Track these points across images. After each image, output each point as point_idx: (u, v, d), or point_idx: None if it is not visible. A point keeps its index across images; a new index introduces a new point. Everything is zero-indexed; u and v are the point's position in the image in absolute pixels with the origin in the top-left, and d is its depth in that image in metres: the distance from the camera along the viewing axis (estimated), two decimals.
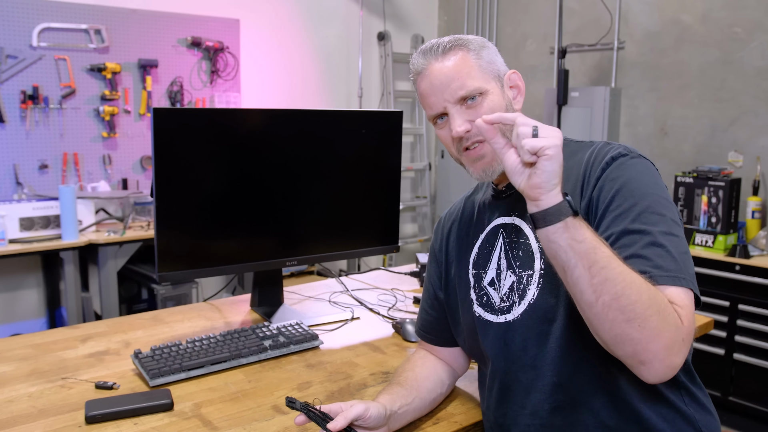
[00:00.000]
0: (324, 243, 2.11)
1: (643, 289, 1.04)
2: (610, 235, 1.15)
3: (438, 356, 1.54)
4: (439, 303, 1.52)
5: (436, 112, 1.31)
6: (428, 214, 5.71)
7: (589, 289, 1.05)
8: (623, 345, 1.06)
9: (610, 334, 1.06)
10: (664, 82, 4.28)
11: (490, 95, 1.29)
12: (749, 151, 3.87)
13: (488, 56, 1.32)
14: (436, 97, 1.30)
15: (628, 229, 1.14)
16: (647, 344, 1.04)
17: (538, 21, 5.02)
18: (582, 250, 1.04)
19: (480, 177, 1.31)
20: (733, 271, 3.45)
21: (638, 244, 1.12)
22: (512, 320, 1.29)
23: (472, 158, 1.30)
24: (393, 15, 5.47)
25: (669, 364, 1.06)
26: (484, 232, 1.40)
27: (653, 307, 1.04)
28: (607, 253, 1.05)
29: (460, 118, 1.28)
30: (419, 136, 5.66)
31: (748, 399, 3.44)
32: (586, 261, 1.04)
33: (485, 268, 1.37)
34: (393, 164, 2.17)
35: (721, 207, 3.60)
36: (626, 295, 1.03)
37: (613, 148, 1.25)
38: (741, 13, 3.89)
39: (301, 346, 1.78)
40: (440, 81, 1.29)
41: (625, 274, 1.04)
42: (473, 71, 1.29)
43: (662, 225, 1.14)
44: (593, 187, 1.21)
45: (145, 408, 1.39)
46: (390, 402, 1.33)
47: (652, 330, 1.04)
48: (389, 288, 2.42)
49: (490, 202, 1.42)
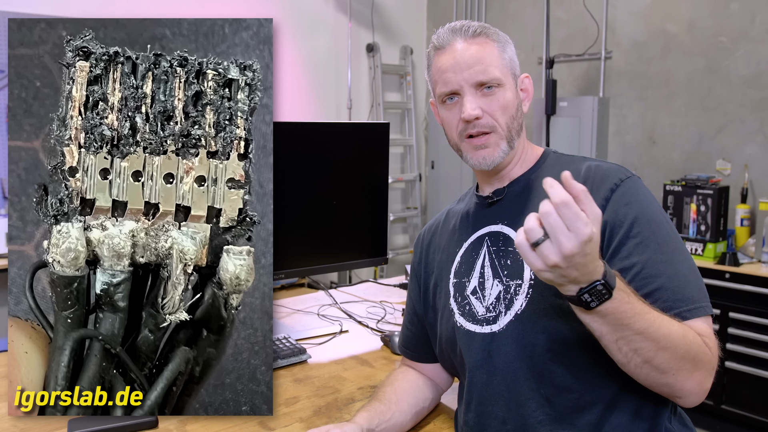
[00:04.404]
0: (312, 255, 2.11)
1: (681, 345, 1.08)
2: (635, 263, 1.16)
3: (420, 371, 1.53)
4: (419, 318, 1.51)
5: (450, 90, 1.30)
6: (419, 225, 5.71)
7: (619, 355, 1.08)
8: (658, 388, 1.12)
9: (646, 383, 1.12)
10: (651, 90, 4.31)
11: (506, 90, 1.30)
12: (737, 158, 3.90)
13: (510, 53, 1.34)
14: (455, 74, 1.29)
15: (652, 259, 1.16)
16: (682, 385, 1.10)
17: (525, 31, 5.05)
18: (604, 330, 1.06)
19: (478, 164, 1.32)
20: (723, 279, 3.47)
21: (664, 276, 1.15)
22: (497, 331, 1.27)
23: (474, 145, 1.31)
24: (381, 27, 5.49)
25: (701, 393, 1.13)
26: (467, 240, 1.39)
27: (689, 356, 1.09)
28: (636, 327, 1.04)
29: (475, 102, 1.28)
30: (409, 147, 5.67)
31: (740, 407, 3.45)
32: (610, 337, 1.07)
33: (468, 277, 1.35)
34: (381, 175, 2.18)
35: (710, 215, 3.62)
36: (659, 357, 1.07)
37: (612, 168, 1.27)
38: (726, 23, 3.93)
39: (289, 360, 1.78)
40: (464, 60, 1.28)
41: (661, 339, 1.06)
42: (496, 61, 1.30)
43: (678, 252, 1.19)
44: (602, 207, 1.17)
45: (129, 426, 1.37)
46: (367, 420, 1.32)
47: (687, 373, 1.09)
48: (378, 300, 2.43)
49: (475, 211, 1.41)
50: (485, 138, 1.29)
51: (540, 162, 1.38)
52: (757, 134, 3.83)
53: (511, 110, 1.30)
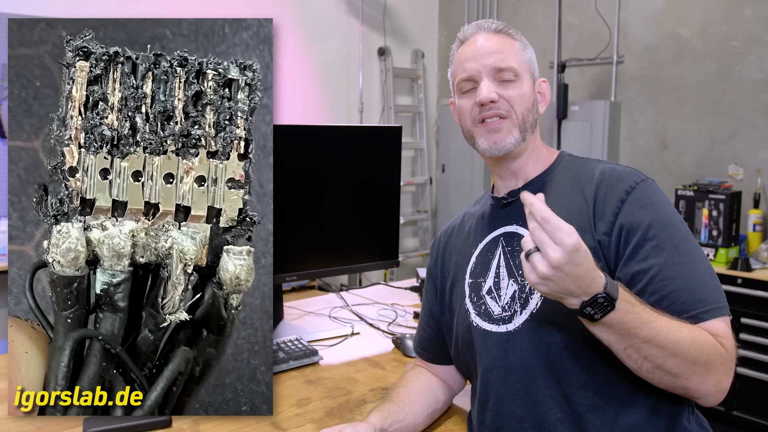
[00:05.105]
0: (323, 258, 2.11)
1: (692, 350, 1.08)
2: (653, 265, 1.17)
3: (434, 373, 1.53)
4: (435, 320, 1.51)
5: (468, 76, 1.33)
6: (429, 228, 5.71)
7: (630, 362, 1.10)
8: (674, 390, 1.13)
9: (660, 385, 1.13)
10: (663, 95, 4.29)
11: (524, 83, 1.32)
12: (749, 164, 3.87)
13: (530, 54, 1.37)
14: (475, 62, 1.32)
15: (669, 261, 1.17)
16: (697, 387, 1.11)
17: (537, 36, 5.04)
18: (612, 340, 1.08)
19: (489, 149, 1.32)
20: (735, 284, 3.44)
21: (681, 277, 1.16)
22: (513, 330, 1.27)
23: (487, 129, 1.32)
24: (393, 30, 5.50)
25: (719, 392, 1.14)
26: (483, 241, 1.39)
27: (701, 359, 1.09)
28: (644, 335, 1.07)
29: (492, 87, 1.30)
30: (420, 151, 5.67)
31: (752, 413, 3.42)
32: (620, 345, 1.08)
33: (484, 277, 1.35)
34: (393, 179, 2.18)
35: (722, 220, 3.59)
36: (669, 362, 1.08)
37: (627, 171, 1.28)
38: (738, 27, 3.91)
39: (301, 361, 1.78)
40: (485, 49, 1.32)
41: (669, 345, 1.07)
42: (516, 55, 1.33)
43: (695, 254, 1.19)
44: (617, 209, 1.22)
45: (143, 425, 1.37)
46: (381, 420, 1.32)
47: (700, 377, 1.10)
48: (389, 303, 2.42)
49: (491, 212, 1.41)
50: (499, 122, 1.31)
51: (555, 164, 1.38)
52: None
53: (527, 102, 1.33)
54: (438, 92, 5.85)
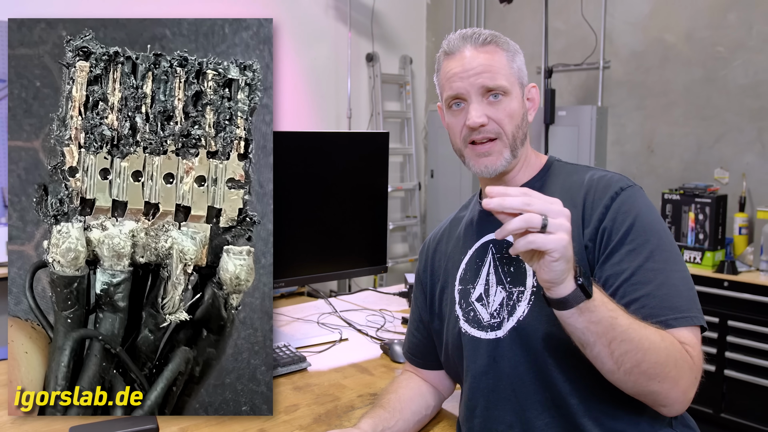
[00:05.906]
0: (312, 264, 2.11)
1: (661, 348, 1.09)
2: (626, 268, 1.18)
3: (424, 378, 1.53)
4: (424, 325, 1.51)
5: (455, 93, 1.30)
6: (418, 233, 5.72)
7: (610, 362, 1.09)
8: (645, 397, 1.13)
9: (633, 390, 1.13)
10: (649, 100, 4.32)
11: (512, 99, 1.30)
12: (735, 167, 3.91)
13: (519, 62, 1.34)
14: (462, 81, 1.29)
15: (643, 266, 1.17)
16: (668, 393, 1.12)
17: (524, 41, 5.06)
18: (600, 330, 1.06)
19: (480, 172, 1.32)
20: (721, 287, 3.46)
21: (653, 283, 1.16)
22: (501, 336, 1.28)
23: (477, 153, 1.31)
24: (381, 36, 5.51)
25: (685, 402, 1.15)
26: (472, 248, 1.39)
27: (670, 362, 1.09)
28: (624, 325, 1.07)
29: (480, 110, 1.28)
30: (409, 156, 5.68)
31: (739, 416, 3.44)
32: (604, 339, 1.07)
33: (473, 284, 1.36)
34: (381, 184, 2.18)
35: (708, 223, 3.62)
36: (646, 360, 1.08)
37: (614, 178, 1.28)
38: (723, 33, 3.95)
39: (289, 368, 1.77)
40: (472, 67, 1.29)
41: (644, 340, 1.07)
42: (504, 70, 1.30)
43: (672, 262, 1.19)
44: (602, 215, 1.22)
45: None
46: (372, 426, 1.32)
47: (672, 381, 1.10)
48: (378, 309, 2.42)
49: (479, 218, 1.41)
50: (489, 145, 1.29)
51: (545, 170, 1.38)
52: (754, 143, 3.84)
53: (516, 119, 1.30)
54: (426, 98, 5.86)
